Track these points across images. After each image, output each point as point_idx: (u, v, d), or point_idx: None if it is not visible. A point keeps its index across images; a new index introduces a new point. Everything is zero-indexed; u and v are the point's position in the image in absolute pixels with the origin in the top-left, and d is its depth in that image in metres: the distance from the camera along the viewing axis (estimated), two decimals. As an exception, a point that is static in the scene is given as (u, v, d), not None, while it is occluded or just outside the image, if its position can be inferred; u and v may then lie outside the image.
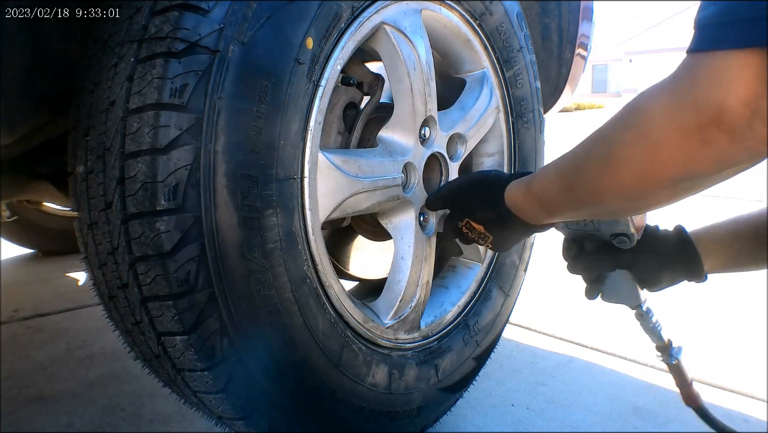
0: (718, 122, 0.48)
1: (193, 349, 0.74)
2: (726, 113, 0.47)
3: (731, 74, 0.46)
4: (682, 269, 0.92)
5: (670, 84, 0.53)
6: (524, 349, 1.62)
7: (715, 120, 0.48)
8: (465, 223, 0.93)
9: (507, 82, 1.26)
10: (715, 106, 0.47)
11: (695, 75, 0.50)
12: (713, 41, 0.48)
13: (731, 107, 0.46)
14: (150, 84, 0.70)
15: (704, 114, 0.48)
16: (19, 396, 1.33)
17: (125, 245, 0.73)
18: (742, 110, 0.46)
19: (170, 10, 0.72)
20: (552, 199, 0.75)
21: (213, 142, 0.71)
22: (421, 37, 1.01)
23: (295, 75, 0.79)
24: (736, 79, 0.46)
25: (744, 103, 0.46)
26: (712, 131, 0.48)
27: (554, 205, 0.76)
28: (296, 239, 0.82)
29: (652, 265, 0.92)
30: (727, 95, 0.47)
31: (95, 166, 0.76)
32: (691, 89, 0.50)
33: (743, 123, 0.46)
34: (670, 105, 0.52)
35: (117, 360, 1.52)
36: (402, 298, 1.03)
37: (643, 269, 0.93)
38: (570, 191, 0.70)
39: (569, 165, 0.70)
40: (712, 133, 0.48)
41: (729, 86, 0.47)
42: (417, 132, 1.03)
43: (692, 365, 1.48)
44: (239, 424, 0.85)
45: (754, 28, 0.45)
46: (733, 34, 0.47)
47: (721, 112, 0.47)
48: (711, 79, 0.48)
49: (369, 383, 0.96)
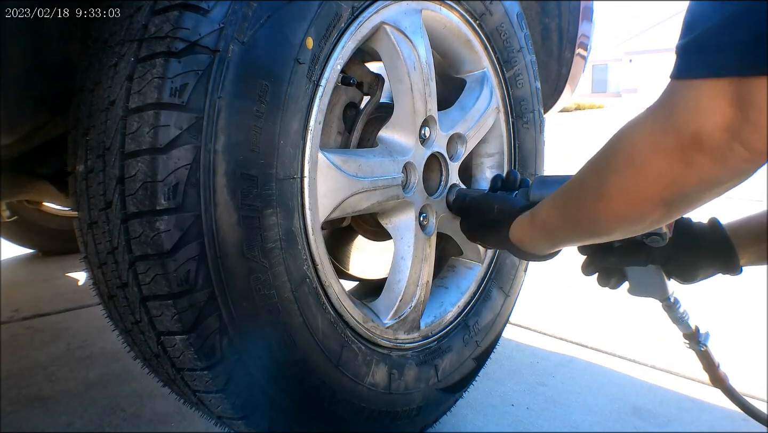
0: (699, 146, 0.49)
1: (193, 348, 0.74)
2: (705, 138, 0.49)
3: (705, 103, 0.48)
4: (717, 263, 0.91)
5: (652, 112, 0.55)
6: (524, 349, 1.62)
7: (695, 144, 0.50)
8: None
9: (507, 83, 1.26)
10: (694, 131, 0.49)
11: (674, 102, 0.52)
12: (687, 69, 0.50)
13: (709, 133, 0.48)
14: (150, 83, 0.70)
15: (684, 137, 0.50)
16: (19, 396, 1.33)
17: (125, 244, 0.73)
18: (721, 135, 0.48)
19: (170, 10, 0.72)
20: (555, 231, 0.79)
21: (213, 141, 0.71)
22: (421, 37, 1.01)
23: (295, 75, 0.79)
24: (711, 108, 0.48)
25: (721, 129, 0.48)
26: (693, 153, 0.50)
27: (558, 237, 0.80)
28: (296, 239, 0.82)
29: (688, 260, 0.92)
30: (704, 123, 0.48)
31: (95, 166, 0.76)
32: (670, 116, 0.52)
33: (723, 145, 0.48)
34: (652, 131, 0.54)
35: (117, 360, 1.52)
36: (402, 298, 1.03)
37: (678, 265, 0.92)
38: (570, 222, 0.73)
39: (567, 197, 0.73)
40: (693, 155, 0.50)
41: (705, 114, 0.48)
42: (417, 132, 1.03)
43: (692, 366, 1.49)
44: (239, 423, 0.85)
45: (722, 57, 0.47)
46: (704, 63, 0.48)
47: (700, 138, 0.49)
48: (688, 107, 0.50)
49: (369, 383, 0.96)
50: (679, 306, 0.97)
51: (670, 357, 1.53)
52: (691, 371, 1.47)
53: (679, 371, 1.47)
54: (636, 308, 1.93)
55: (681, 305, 0.97)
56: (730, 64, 0.47)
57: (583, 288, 2.13)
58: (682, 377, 1.44)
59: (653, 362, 1.52)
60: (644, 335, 1.69)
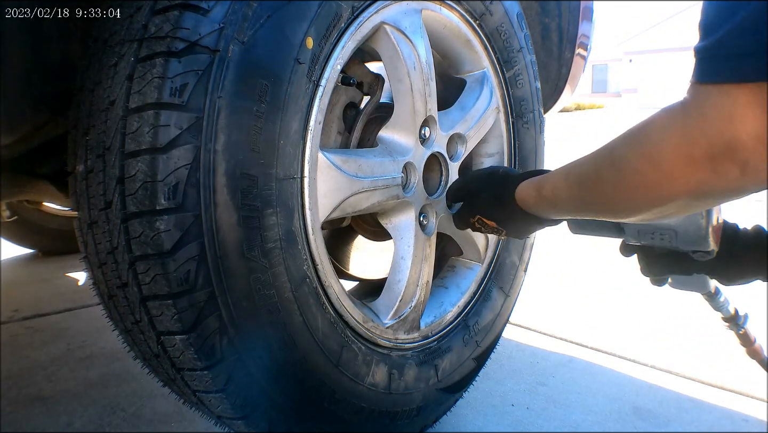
0: (731, 155, 0.48)
1: (193, 348, 0.74)
2: (739, 148, 0.47)
3: (740, 110, 0.46)
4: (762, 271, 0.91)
5: (680, 115, 0.53)
6: (524, 349, 1.62)
7: (727, 153, 0.48)
8: (477, 219, 0.97)
9: (507, 83, 1.26)
10: (727, 140, 0.48)
11: (705, 109, 0.50)
12: (716, 74, 0.48)
13: (743, 142, 0.47)
14: (150, 83, 0.70)
15: (716, 147, 0.49)
16: (19, 396, 1.33)
17: (125, 244, 0.73)
18: (755, 145, 0.46)
19: (170, 10, 0.72)
20: (563, 203, 0.78)
21: (213, 141, 0.71)
22: (421, 37, 1.01)
23: (295, 75, 0.79)
24: (746, 116, 0.46)
25: (756, 138, 0.46)
26: (724, 163, 0.49)
27: (566, 209, 0.79)
28: (296, 239, 0.82)
29: (734, 271, 0.92)
30: (738, 131, 0.47)
31: (95, 166, 0.76)
32: (701, 123, 0.50)
33: (756, 157, 0.47)
34: (681, 138, 0.52)
35: (117, 360, 1.52)
36: (402, 298, 1.03)
37: (725, 275, 0.92)
38: (581, 201, 0.73)
39: (580, 180, 0.72)
40: (724, 165, 0.49)
41: (740, 122, 0.47)
42: (417, 132, 1.03)
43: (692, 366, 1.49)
44: (239, 423, 0.85)
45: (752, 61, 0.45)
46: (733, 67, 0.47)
47: (734, 147, 0.47)
48: (721, 114, 0.48)
49: (368, 383, 0.96)
50: (720, 296, 0.99)
51: (670, 357, 1.53)
52: (691, 371, 1.47)
53: (679, 371, 1.47)
54: (636, 308, 1.93)
55: (722, 295, 0.99)
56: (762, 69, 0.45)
57: (583, 288, 2.13)
58: (682, 377, 1.44)
59: (653, 362, 1.52)
60: (644, 335, 1.69)
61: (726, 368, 1.47)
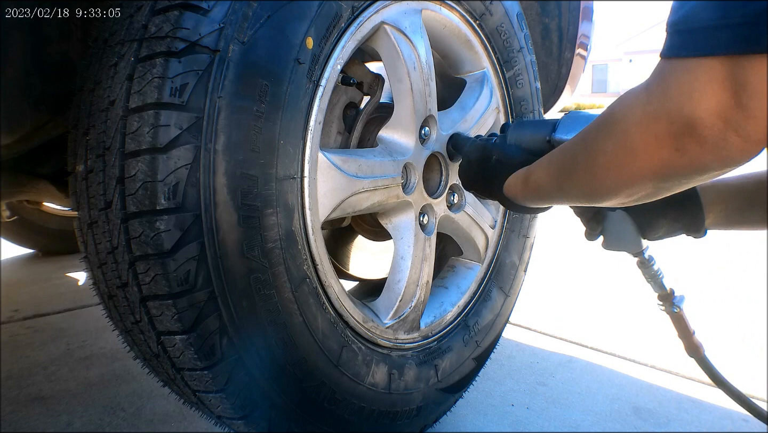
0: (691, 133, 0.47)
1: (193, 348, 0.74)
2: (698, 125, 0.46)
3: (699, 86, 0.45)
4: (682, 218, 0.90)
5: (644, 93, 0.53)
6: (524, 349, 1.62)
7: (687, 130, 0.47)
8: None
9: (507, 83, 1.26)
10: (687, 117, 0.47)
11: (666, 84, 0.49)
12: (678, 48, 0.47)
13: (702, 119, 0.46)
14: (150, 83, 0.70)
15: (676, 125, 0.48)
16: (19, 396, 1.33)
17: (125, 244, 0.73)
18: (714, 122, 0.45)
19: (170, 10, 0.72)
20: (546, 192, 0.79)
21: (213, 141, 0.71)
22: (421, 37, 1.01)
23: (295, 74, 0.79)
24: (705, 92, 0.45)
25: (715, 115, 0.45)
26: (685, 140, 0.48)
27: (549, 197, 0.80)
28: (296, 239, 0.82)
29: (652, 207, 0.90)
30: (697, 107, 0.46)
31: (95, 166, 0.76)
32: (663, 99, 0.49)
33: (716, 134, 0.45)
34: (644, 114, 0.52)
35: (117, 360, 1.52)
36: (402, 298, 1.03)
37: (643, 211, 0.92)
38: (560, 189, 0.73)
39: (559, 166, 0.73)
40: (685, 143, 0.48)
41: (699, 98, 0.46)
42: (417, 132, 1.03)
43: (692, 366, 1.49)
44: (239, 423, 0.85)
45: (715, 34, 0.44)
46: (696, 41, 0.46)
47: (693, 124, 0.46)
48: (681, 90, 0.47)
49: (368, 383, 0.96)
50: (653, 263, 0.97)
51: (670, 357, 1.53)
52: (691, 371, 1.47)
53: (679, 371, 1.47)
54: (636, 308, 1.93)
55: (656, 263, 0.97)
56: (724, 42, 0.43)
57: (583, 288, 2.13)
58: (682, 377, 1.44)
59: (653, 362, 1.52)
60: (644, 335, 1.69)
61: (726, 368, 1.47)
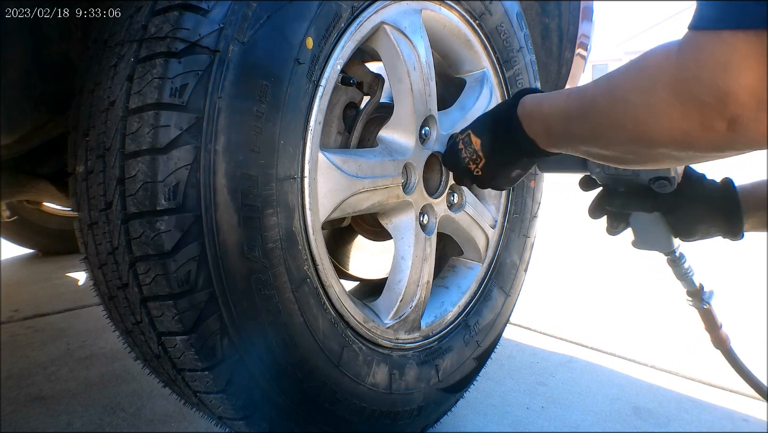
0: (721, 109, 0.45)
1: (194, 349, 0.74)
2: (730, 101, 0.44)
3: (737, 60, 0.43)
4: (721, 222, 0.88)
5: (675, 56, 0.50)
6: (524, 349, 1.62)
7: (718, 106, 0.45)
8: (465, 135, 0.92)
9: (507, 82, 1.26)
10: (720, 91, 0.45)
11: (701, 55, 0.46)
12: (716, 19, 0.45)
13: (736, 95, 0.44)
14: (150, 84, 0.70)
15: (706, 96, 0.46)
16: (19, 396, 1.33)
17: (125, 244, 0.73)
18: (747, 100, 0.43)
19: (170, 10, 0.72)
20: (554, 124, 0.74)
21: (213, 141, 0.71)
22: (421, 37, 1.01)
23: (295, 75, 0.79)
24: (742, 67, 0.43)
25: (750, 92, 0.43)
26: (713, 116, 0.46)
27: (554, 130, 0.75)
28: (296, 239, 0.82)
29: (692, 213, 0.88)
30: (732, 82, 0.44)
31: (95, 166, 0.76)
32: (696, 69, 0.47)
33: (747, 114, 0.44)
34: (674, 81, 0.49)
35: (117, 360, 1.52)
36: (402, 298, 1.03)
37: (681, 216, 0.89)
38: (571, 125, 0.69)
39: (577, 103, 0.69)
40: (713, 119, 0.46)
41: (736, 73, 0.43)
42: (417, 132, 1.03)
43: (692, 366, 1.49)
44: (239, 424, 0.85)
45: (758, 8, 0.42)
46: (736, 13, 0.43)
47: (725, 100, 0.44)
48: (717, 62, 0.45)
49: (369, 383, 0.96)
50: (684, 261, 0.96)
51: (670, 357, 1.53)
52: (692, 371, 1.47)
53: (679, 371, 1.47)
54: (636, 308, 1.93)
55: (686, 261, 0.96)
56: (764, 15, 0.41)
57: (583, 288, 2.13)
58: (682, 377, 1.44)
59: (653, 362, 1.52)
60: (644, 335, 1.69)
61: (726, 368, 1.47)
